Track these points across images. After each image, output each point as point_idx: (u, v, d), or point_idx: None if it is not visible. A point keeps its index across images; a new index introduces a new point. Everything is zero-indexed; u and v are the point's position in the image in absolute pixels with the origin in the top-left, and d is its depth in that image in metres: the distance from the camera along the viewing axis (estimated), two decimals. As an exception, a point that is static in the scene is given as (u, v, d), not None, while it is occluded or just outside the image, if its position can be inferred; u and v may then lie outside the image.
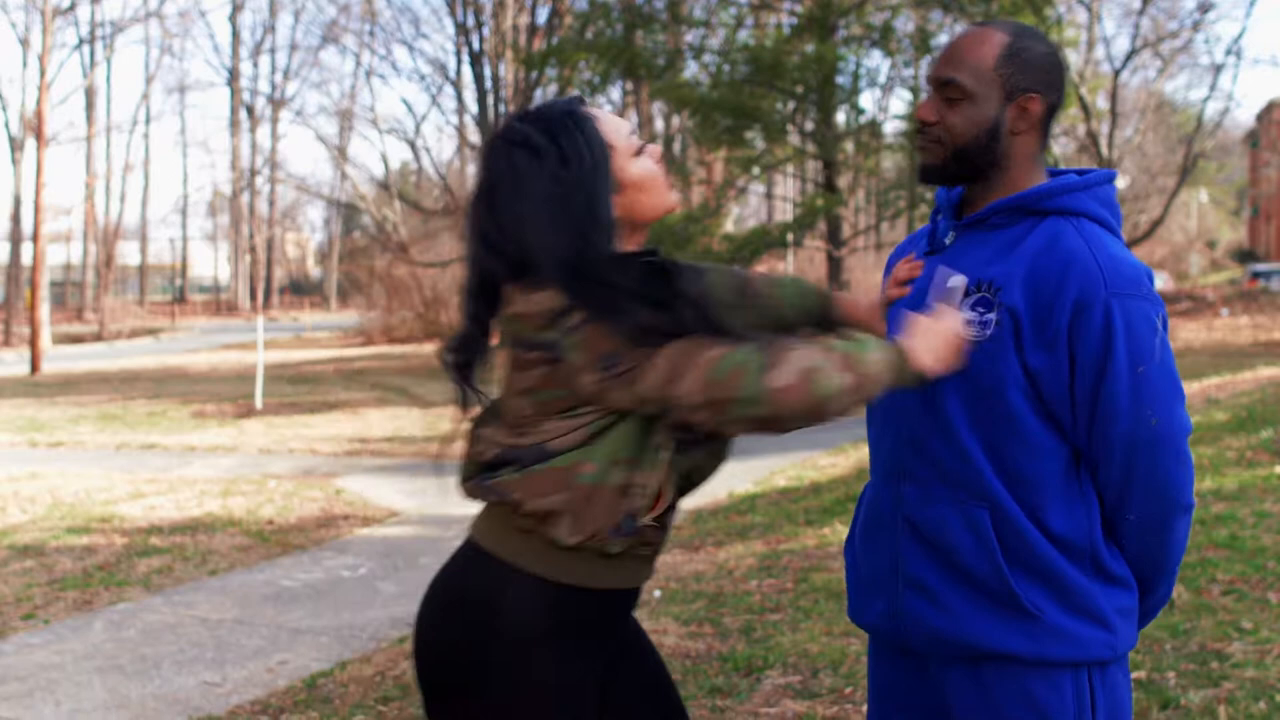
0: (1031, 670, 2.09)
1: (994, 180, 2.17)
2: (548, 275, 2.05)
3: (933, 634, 2.15)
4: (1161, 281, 39.72)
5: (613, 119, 2.20)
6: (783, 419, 1.98)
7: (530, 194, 2.10)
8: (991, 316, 2.07)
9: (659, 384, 1.99)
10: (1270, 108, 48.03)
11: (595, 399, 2.06)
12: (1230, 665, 4.72)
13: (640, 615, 5.90)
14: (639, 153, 2.20)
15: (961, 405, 2.11)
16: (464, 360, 2.27)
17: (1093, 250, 2.05)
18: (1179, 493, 2.09)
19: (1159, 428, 2.03)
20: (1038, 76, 2.13)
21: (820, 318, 2.41)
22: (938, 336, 2.03)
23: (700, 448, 2.14)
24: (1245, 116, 58.14)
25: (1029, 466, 2.08)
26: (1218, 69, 34.95)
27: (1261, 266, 44.18)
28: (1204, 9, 33.90)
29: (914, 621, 2.17)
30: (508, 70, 36.13)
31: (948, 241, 2.23)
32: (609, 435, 2.07)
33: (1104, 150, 28.68)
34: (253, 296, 69.47)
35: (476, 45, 36.23)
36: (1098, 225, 2.13)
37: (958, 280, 2.10)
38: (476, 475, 2.26)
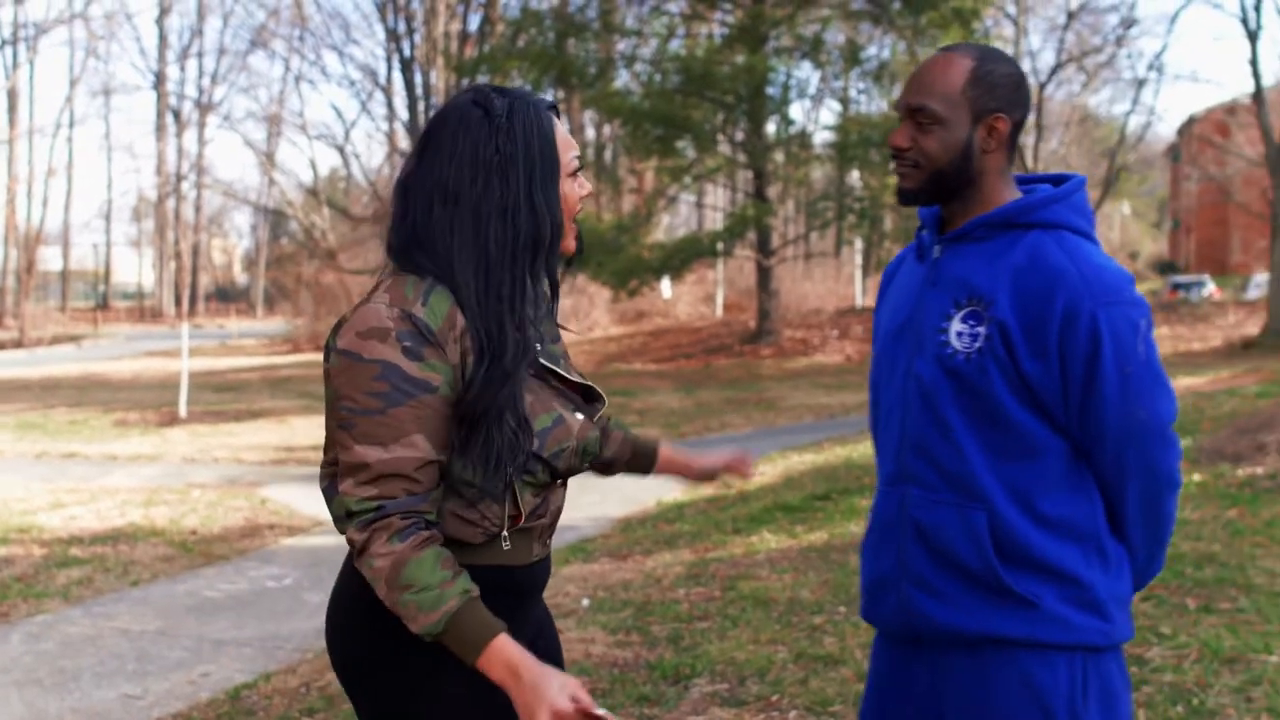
0: (1027, 652, 2.20)
1: (969, 197, 2.28)
2: (458, 270, 2.07)
3: (938, 626, 2.26)
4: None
5: (567, 137, 2.21)
6: (354, 560, 2.09)
7: (466, 145, 2.10)
8: (981, 330, 2.18)
9: (343, 461, 2.05)
10: (1190, 122, 48.89)
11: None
12: (1149, 670, 4.79)
13: (568, 624, 5.89)
14: (573, 176, 2.22)
15: (959, 412, 2.21)
16: None
17: (1075, 262, 2.15)
18: (1169, 473, 2.23)
19: (1147, 420, 2.17)
20: (1003, 96, 2.24)
21: (636, 463, 2.67)
22: (531, 693, 1.96)
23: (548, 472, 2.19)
24: (1166, 131, 59.22)
25: (1028, 464, 2.19)
26: (1140, 84, 35.65)
27: (1181, 278, 44.93)
28: (1127, 25, 34.53)
29: (921, 616, 2.27)
30: (439, 77, 36.01)
31: (935, 254, 2.32)
32: None
33: (1029, 162, 29.06)
34: (178, 303, 68.60)
35: (407, 52, 36.09)
36: (1077, 235, 2.23)
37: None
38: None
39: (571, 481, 2.35)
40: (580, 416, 2.26)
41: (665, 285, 36.43)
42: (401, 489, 2.02)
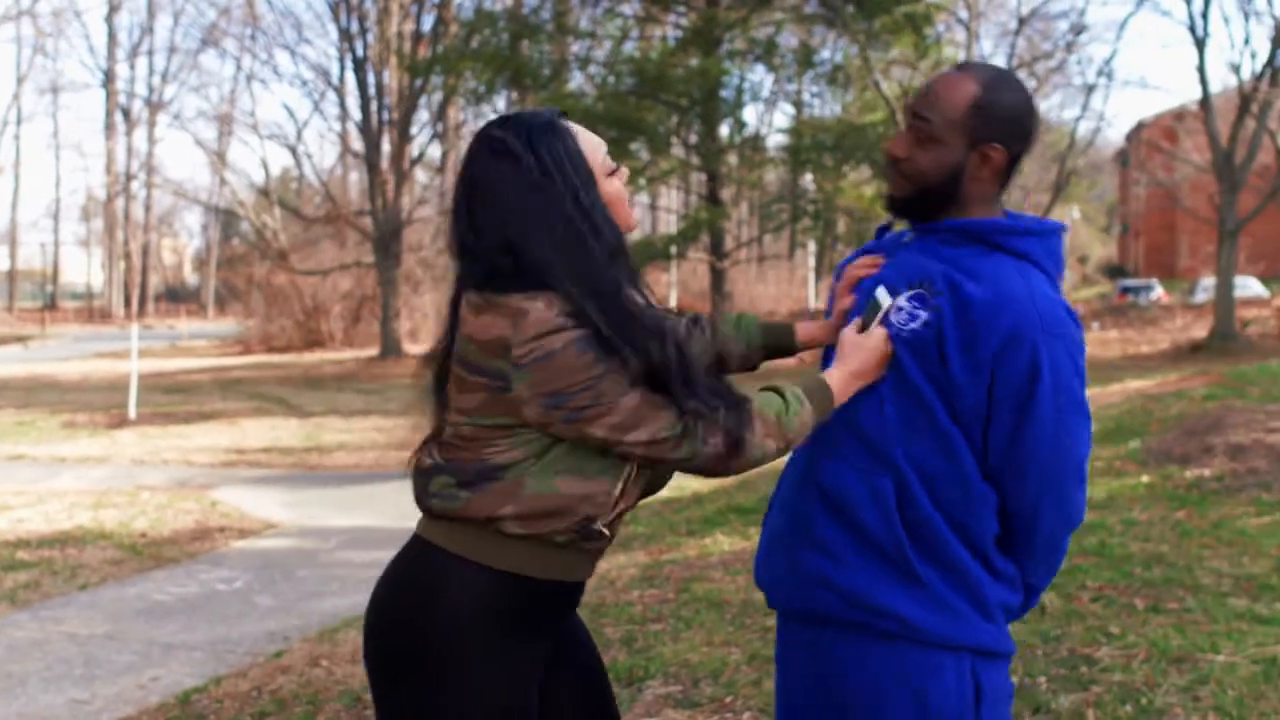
0: (914, 647, 2.18)
1: (951, 213, 2.30)
2: (557, 285, 2.11)
3: (823, 584, 2.24)
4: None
5: (591, 137, 2.24)
6: (711, 474, 2.21)
7: (508, 200, 2.14)
8: (922, 314, 2.19)
9: (610, 431, 2.11)
10: (1139, 128, 49.39)
11: (537, 427, 2.14)
12: (1099, 670, 4.83)
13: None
14: (612, 174, 2.25)
15: (891, 389, 2.22)
16: (437, 372, 2.35)
17: (1030, 291, 2.16)
18: (1077, 511, 2.24)
19: (1070, 454, 2.18)
20: (1003, 128, 2.24)
21: (777, 348, 2.65)
22: (865, 353, 2.23)
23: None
24: (1116, 136, 59.71)
25: (936, 460, 2.18)
26: (1090, 89, 35.85)
27: (1130, 282, 45.45)
28: (1077, 31, 34.78)
29: (811, 578, 2.26)
30: (392, 77, 35.83)
31: (906, 240, 2.36)
32: (551, 453, 2.16)
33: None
34: (127, 304, 67.93)
35: (360, 51, 35.86)
36: (1039, 271, 2.24)
37: (884, 297, 2.24)
38: (420, 487, 2.32)
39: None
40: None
41: (619, 287, 36.35)
42: (667, 414, 2.14)
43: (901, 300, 2.22)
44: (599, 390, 2.08)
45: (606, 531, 2.24)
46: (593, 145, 2.22)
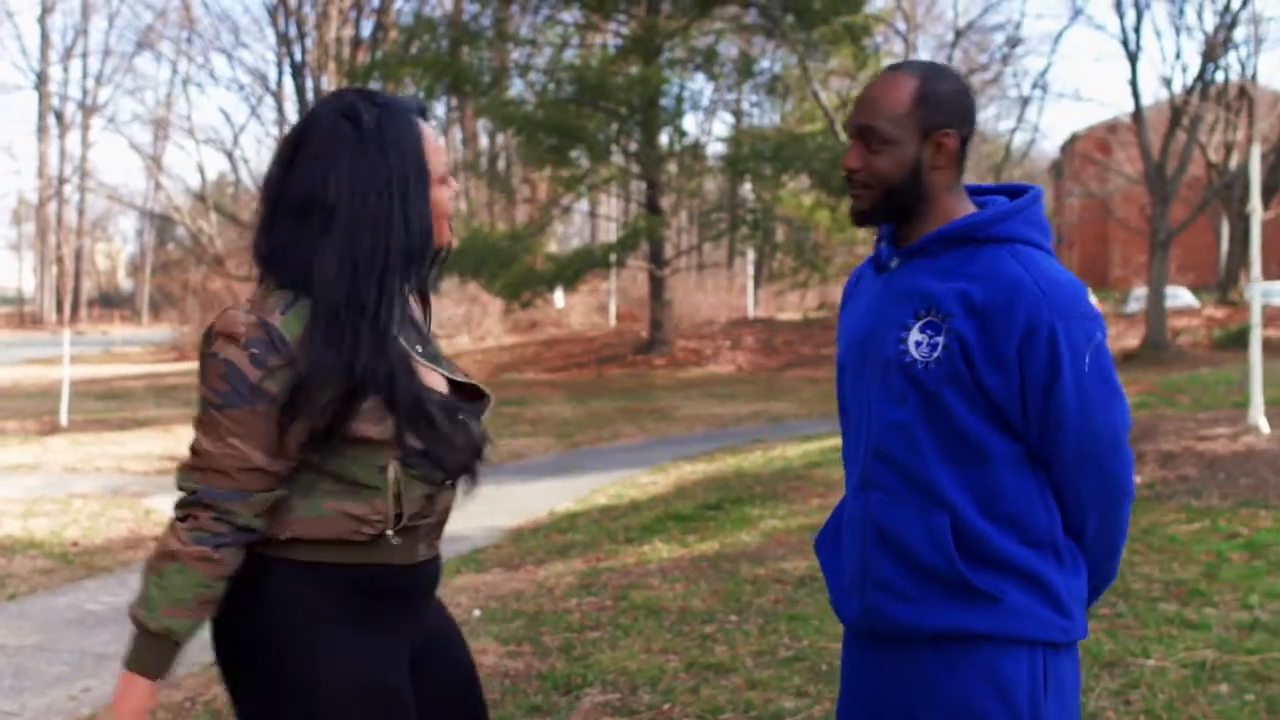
0: (992, 645, 2.24)
1: (922, 213, 2.32)
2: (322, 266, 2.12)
3: (902, 625, 2.30)
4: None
5: (436, 144, 2.24)
6: None
7: (339, 160, 2.14)
8: (940, 339, 2.22)
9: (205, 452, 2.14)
10: (1073, 140, 49.97)
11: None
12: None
13: (459, 635, 5.85)
14: (443, 182, 2.25)
15: (922, 418, 2.25)
16: None
17: (1033, 276, 2.20)
18: (1123, 483, 2.29)
19: (1103, 431, 2.23)
20: (950, 112, 2.29)
21: None
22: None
23: (428, 466, 2.23)
24: (1050, 147, 60.49)
25: (985, 471, 2.24)
26: (1025, 101, 36.51)
27: (1064, 292, 45.77)
28: (1012, 44, 35.33)
29: (885, 617, 2.31)
30: (330, 82, 35.65)
31: (893, 265, 2.37)
32: (307, 474, 2.19)
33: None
34: (59, 309, 66.95)
35: (298, 56, 35.66)
36: (1030, 247, 2.28)
37: None
38: None
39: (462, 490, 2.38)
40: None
41: (558, 295, 36.42)
42: (221, 482, 2.11)
43: (916, 334, 2.26)
44: (210, 413, 2.17)
45: (397, 539, 2.22)
46: (437, 149, 2.23)
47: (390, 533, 2.19)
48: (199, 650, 5.97)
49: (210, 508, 2.11)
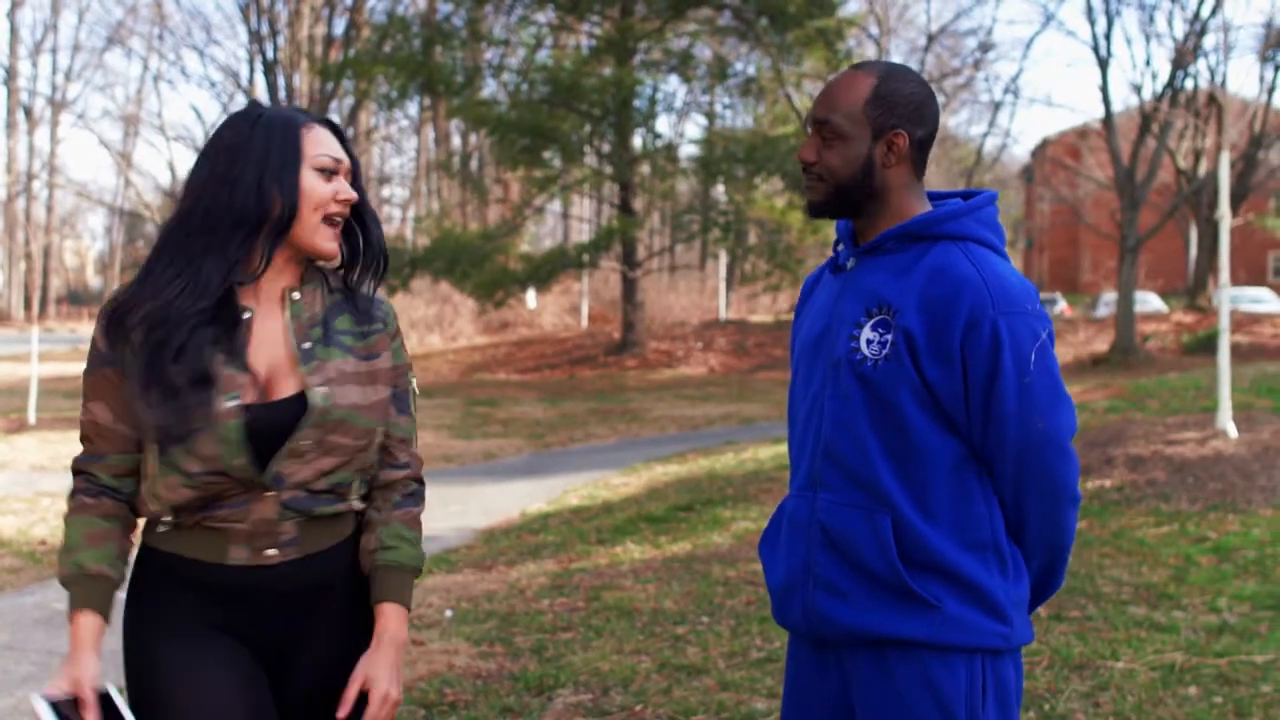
0: (930, 653, 2.25)
1: (875, 210, 2.35)
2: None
3: (842, 627, 2.30)
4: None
5: (326, 138, 2.30)
6: None
7: (211, 141, 2.28)
8: (889, 337, 2.24)
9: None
10: (1044, 145, 50.26)
11: None
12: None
13: (431, 635, 5.84)
14: (325, 176, 2.28)
15: (868, 418, 2.27)
16: None
17: (981, 272, 2.23)
18: (1066, 486, 2.29)
19: (1046, 430, 2.23)
20: (904, 114, 2.31)
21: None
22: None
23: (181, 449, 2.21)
24: (1021, 152, 60.65)
25: (926, 472, 2.25)
26: (996, 106, 36.59)
27: (1034, 296, 46.02)
28: (984, 49, 35.44)
29: (825, 619, 2.32)
30: (303, 80, 35.49)
31: (849, 266, 2.39)
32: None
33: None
34: (27, 306, 66.40)
35: (270, 54, 35.50)
36: (983, 247, 2.31)
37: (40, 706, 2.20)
38: None
39: (431, 491, 2.36)
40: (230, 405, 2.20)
41: (530, 296, 36.37)
42: (85, 447, 2.32)
43: (868, 332, 2.28)
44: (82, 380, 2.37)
45: (174, 521, 2.28)
46: (319, 142, 2.28)
47: (167, 519, 2.28)
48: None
49: (79, 472, 2.32)
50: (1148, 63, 50.33)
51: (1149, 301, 36.03)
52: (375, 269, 2.39)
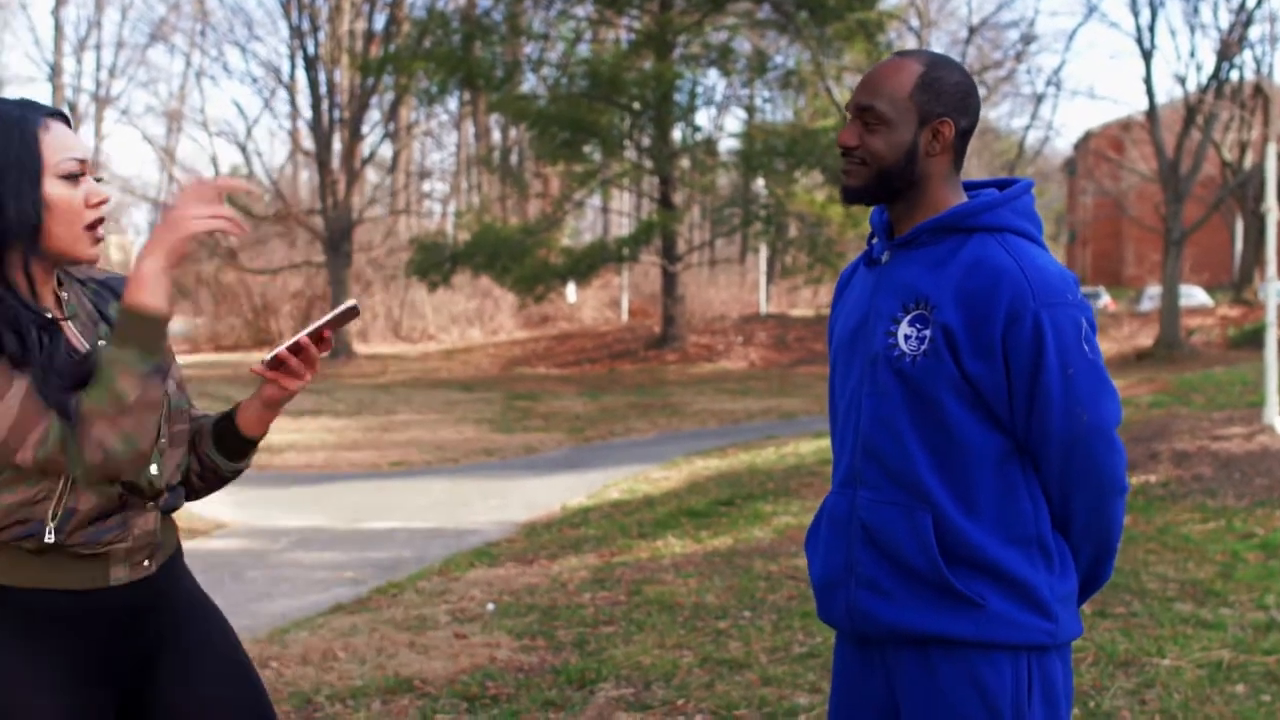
0: (975, 651, 2.23)
1: (913, 199, 2.32)
2: None
3: (885, 626, 2.29)
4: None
5: (67, 138, 2.14)
6: (110, 479, 2.07)
7: None
8: (927, 332, 2.22)
9: None
10: (1087, 137, 49.83)
11: None
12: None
13: (473, 629, 5.87)
14: (72, 180, 2.13)
15: (907, 414, 2.25)
16: None
17: (1020, 264, 2.20)
18: (1113, 478, 2.26)
19: (1090, 421, 2.20)
20: (950, 102, 2.29)
21: (225, 437, 2.38)
22: (167, 234, 2.08)
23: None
24: (1064, 145, 60.24)
25: (968, 468, 2.23)
26: (1039, 99, 36.31)
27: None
28: (1026, 41, 35.21)
29: (867, 617, 2.31)
30: (343, 76, 35.60)
31: (884, 260, 2.37)
32: None
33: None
34: (72, 301, 66.99)
35: (311, 49, 35.61)
36: (1021, 238, 2.28)
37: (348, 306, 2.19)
38: None
39: (472, 485, 2.32)
40: None
41: (570, 290, 36.43)
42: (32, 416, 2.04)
43: (905, 327, 2.26)
44: None
45: (56, 539, 2.09)
46: (59, 146, 2.12)
47: (52, 533, 2.08)
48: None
49: None
50: (1192, 54, 49.80)
51: (1194, 295, 35.67)
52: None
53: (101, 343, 2.19)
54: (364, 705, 4.79)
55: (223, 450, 2.35)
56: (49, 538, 2.07)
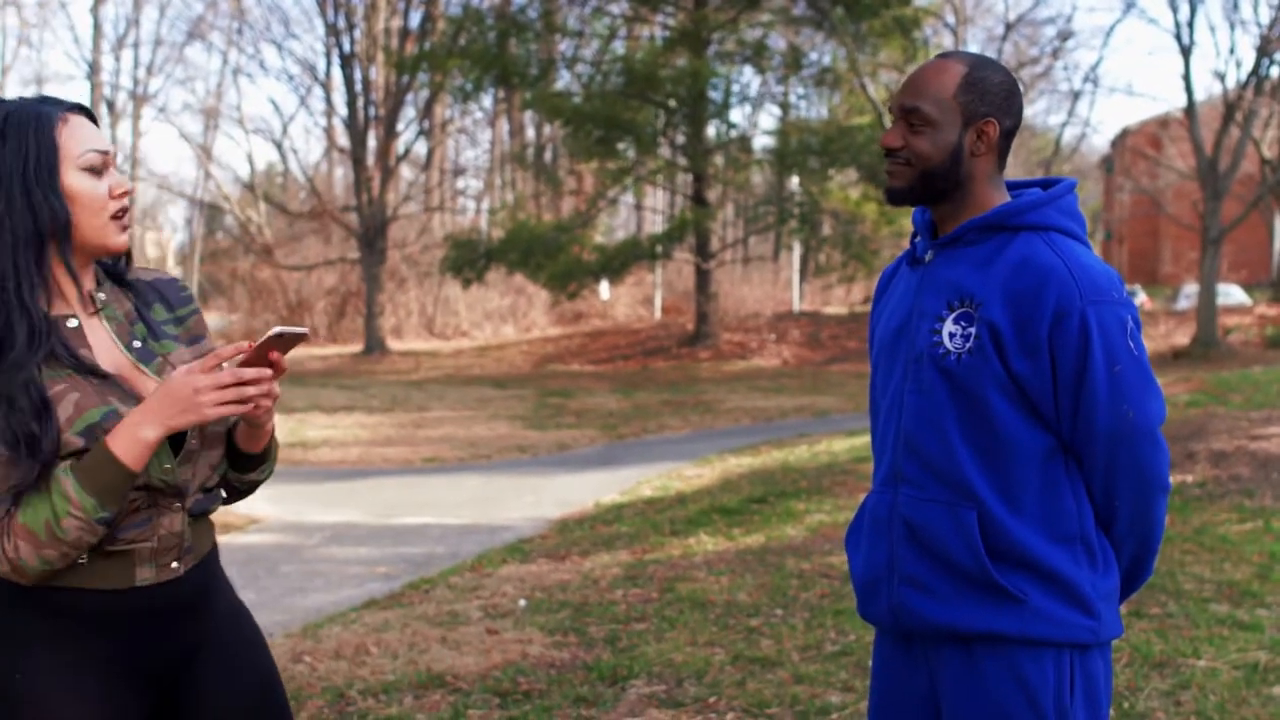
0: (1018, 647, 2.24)
1: (958, 199, 2.33)
2: None
3: (929, 623, 2.29)
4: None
5: (87, 131, 2.15)
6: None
7: None
8: (973, 330, 2.23)
9: None
10: (1124, 135, 49.49)
11: None
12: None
13: (505, 625, 5.88)
14: (95, 173, 2.14)
15: (953, 411, 2.26)
16: None
17: (1066, 262, 2.20)
18: (1157, 475, 2.27)
19: (1136, 419, 2.21)
20: (994, 103, 2.30)
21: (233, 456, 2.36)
22: (169, 399, 2.04)
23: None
24: (1101, 142, 59.81)
25: (1016, 464, 2.23)
26: (1076, 96, 36.06)
27: (1114, 288, 45.29)
28: (1063, 37, 34.95)
29: (912, 614, 2.31)
30: (379, 73, 35.75)
31: (927, 259, 2.37)
32: None
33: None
34: (110, 296, 67.43)
35: (347, 47, 35.77)
36: (1066, 237, 2.29)
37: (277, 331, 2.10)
38: None
39: (505, 481, 2.30)
40: None
41: (604, 287, 36.47)
42: None
43: (950, 325, 2.26)
44: None
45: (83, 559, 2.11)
46: (80, 138, 2.13)
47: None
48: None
49: None
50: (1231, 50, 48.96)
51: (1231, 294, 35.39)
52: (124, 269, 2.30)
53: (136, 344, 2.20)
54: (396, 700, 4.81)
55: (230, 461, 2.35)
56: (81, 558, 2.08)
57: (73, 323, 2.15)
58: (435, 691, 4.90)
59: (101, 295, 2.22)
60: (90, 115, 2.18)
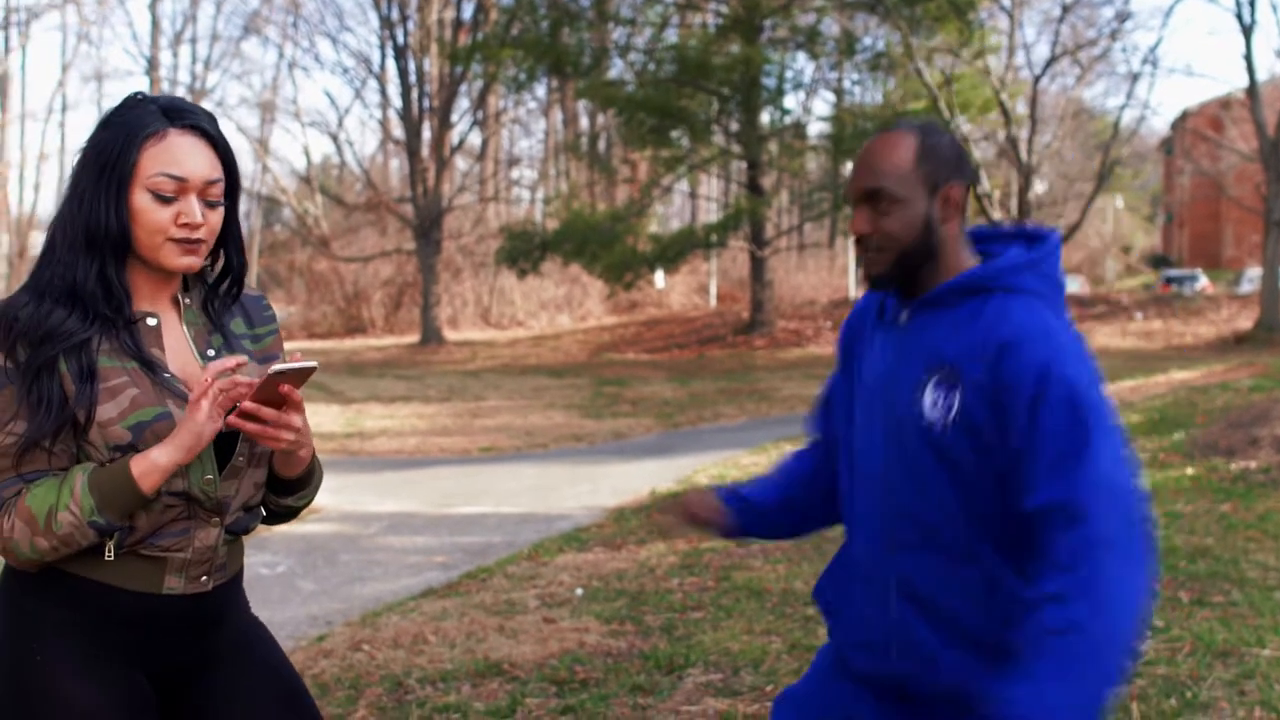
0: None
1: (931, 266, 2.29)
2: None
3: (934, 686, 2.25)
4: (1077, 286, 40.29)
5: (177, 153, 2.11)
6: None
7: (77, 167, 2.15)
8: (955, 399, 2.18)
9: None
10: (1184, 116, 48.89)
11: None
12: (1143, 663, 4.80)
13: (562, 613, 5.90)
14: (162, 199, 2.11)
15: (945, 478, 2.21)
16: None
17: (1044, 328, 2.17)
18: (1119, 529, 2.16)
19: (1113, 474, 2.13)
20: (952, 165, 2.27)
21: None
22: (185, 433, 2.06)
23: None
24: (1160, 124, 58.99)
25: (1012, 528, 2.17)
26: (1134, 77, 35.58)
27: (1175, 272, 44.95)
28: (1122, 18, 34.47)
29: (916, 679, 2.27)
30: (432, 65, 35.92)
31: (902, 320, 2.33)
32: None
33: (1023, 155, 29.05)
34: (170, 289, 68.24)
35: (401, 39, 35.98)
36: (1041, 301, 2.24)
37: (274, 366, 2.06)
38: None
39: (561, 470, 2.30)
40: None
41: (659, 276, 36.51)
42: (5, 475, 2.07)
43: (930, 392, 2.22)
44: None
45: (115, 555, 2.12)
46: (159, 161, 2.10)
47: (109, 546, 2.10)
48: (306, 624, 6.01)
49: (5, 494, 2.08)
50: (1295, 29, 48.43)
51: (1295, 277, 34.82)
52: (229, 293, 2.30)
53: (211, 352, 2.22)
54: (454, 688, 4.84)
55: (269, 483, 2.35)
56: (109, 555, 2.10)
57: (152, 320, 2.17)
58: (493, 680, 4.92)
59: (188, 300, 2.24)
60: (208, 136, 2.15)
